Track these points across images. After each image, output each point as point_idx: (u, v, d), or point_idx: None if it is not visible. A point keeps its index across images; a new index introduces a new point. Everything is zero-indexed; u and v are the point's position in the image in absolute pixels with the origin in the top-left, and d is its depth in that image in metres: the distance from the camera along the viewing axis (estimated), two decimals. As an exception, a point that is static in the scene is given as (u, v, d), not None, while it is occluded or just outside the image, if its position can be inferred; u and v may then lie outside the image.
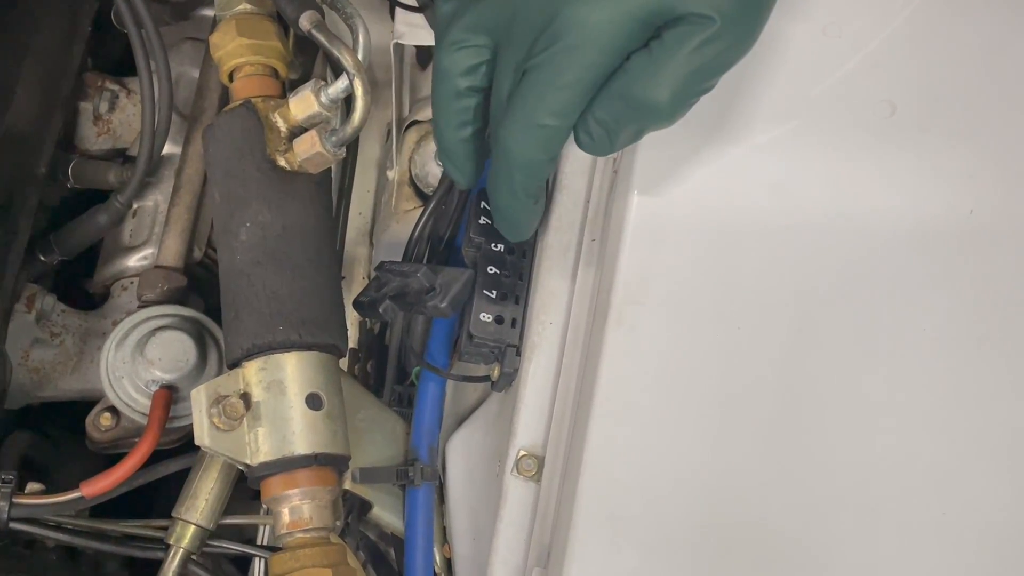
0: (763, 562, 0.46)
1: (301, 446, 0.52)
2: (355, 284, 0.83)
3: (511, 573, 0.50)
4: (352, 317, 0.76)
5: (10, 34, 0.64)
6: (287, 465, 0.52)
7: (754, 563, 0.46)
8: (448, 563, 0.59)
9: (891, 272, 0.49)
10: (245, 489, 0.68)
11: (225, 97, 0.73)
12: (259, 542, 0.66)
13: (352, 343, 0.77)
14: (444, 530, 0.59)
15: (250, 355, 0.54)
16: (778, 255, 0.49)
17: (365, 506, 0.59)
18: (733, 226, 0.49)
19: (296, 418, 0.53)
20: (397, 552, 0.65)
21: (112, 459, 0.62)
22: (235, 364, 0.54)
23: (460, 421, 0.60)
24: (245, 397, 0.53)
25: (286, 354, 0.54)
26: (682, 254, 0.49)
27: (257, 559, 0.65)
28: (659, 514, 0.46)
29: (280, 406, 0.53)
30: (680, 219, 0.49)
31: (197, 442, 0.52)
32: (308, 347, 0.54)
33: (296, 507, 0.53)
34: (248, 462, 0.53)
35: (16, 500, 0.58)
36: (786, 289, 0.48)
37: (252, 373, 0.54)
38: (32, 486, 0.60)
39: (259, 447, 0.53)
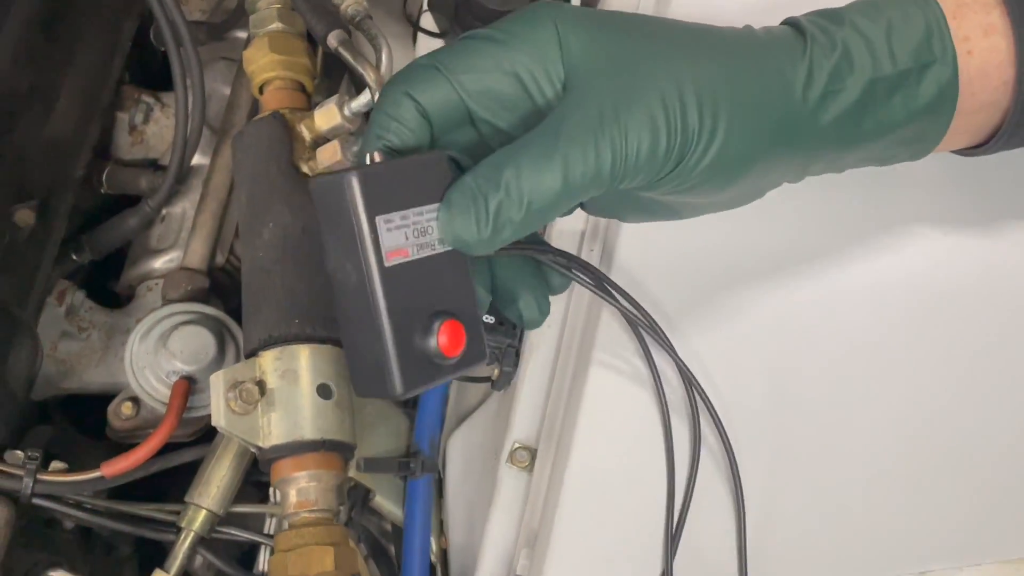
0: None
1: (310, 432, 0.56)
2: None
3: (501, 555, 0.54)
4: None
5: (58, 45, 0.68)
6: (296, 449, 0.56)
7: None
8: (444, 553, 0.62)
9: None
10: (251, 493, 0.72)
11: (254, 114, 0.77)
12: (266, 532, 0.69)
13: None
14: (441, 523, 0.63)
15: (267, 345, 0.58)
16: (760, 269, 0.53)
17: (368, 494, 0.63)
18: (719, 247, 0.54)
19: (307, 405, 0.57)
20: (396, 546, 0.68)
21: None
22: (252, 353, 0.58)
23: (461, 422, 0.64)
24: (260, 384, 0.57)
25: (301, 346, 0.58)
26: (671, 265, 0.53)
27: (263, 547, 0.69)
28: (639, 498, 0.50)
29: (293, 394, 0.57)
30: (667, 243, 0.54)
31: (214, 422, 0.56)
32: (321, 340, 0.58)
33: (303, 488, 0.56)
34: (260, 444, 0.56)
35: (40, 477, 0.62)
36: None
37: (268, 362, 0.57)
38: (56, 464, 0.63)
39: (271, 431, 0.56)
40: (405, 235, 0.41)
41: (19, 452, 0.63)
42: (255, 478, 0.70)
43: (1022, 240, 0.56)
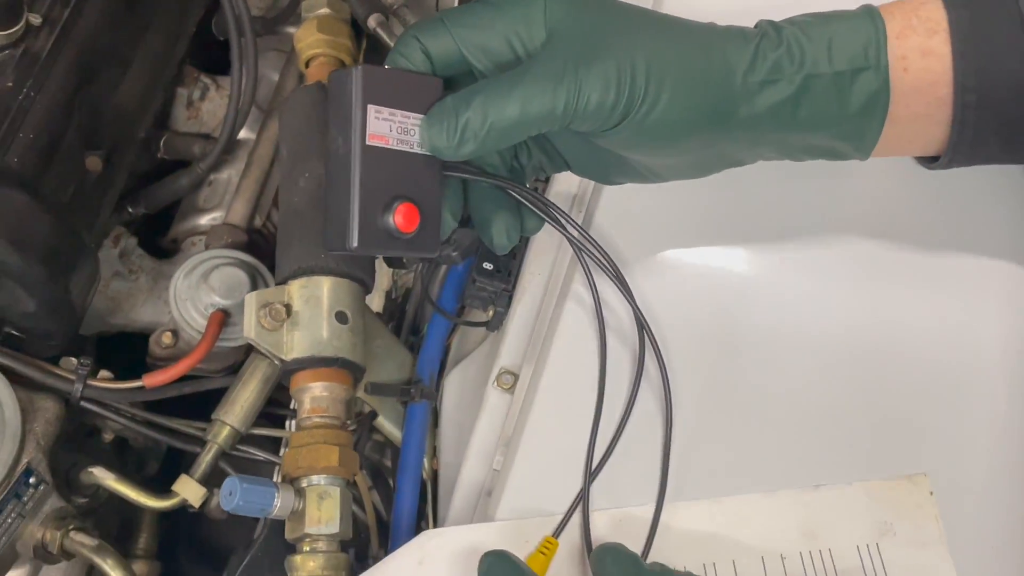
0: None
1: (327, 349, 0.65)
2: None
3: (482, 461, 0.62)
4: (379, 299, 0.90)
5: (136, 17, 0.78)
6: (314, 363, 0.65)
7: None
8: (435, 473, 0.70)
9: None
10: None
11: (297, 97, 0.87)
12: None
13: (377, 308, 0.90)
14: (435, 448, 0.71)
15: (296, 275, 0.67)
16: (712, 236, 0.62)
17: (372, 415, 0.72)
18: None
19: (325, 327, 0.66)
20: (394, 480, 0.77)
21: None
22: (283, 281, 0.67)
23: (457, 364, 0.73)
24: (287, 307, 0.66)
25: (324, 277, 0.67)
26: (636, 228, 0.63)
27: (278, 467, 0.77)
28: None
29: (314, 316, 0.66)
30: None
31: (245, 334, 0.65)
32: (342, 275, 0.67)
33: (317, 397, 0.65)
34: (284, 357, 0.65)
35: (89, 383, 0.71)
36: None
37: (295, 289, 0.67)
38: (103, 373, 0.72)
39: (294, 346, 0.65)
40: (389, 127, 0.51)
41: (73, 359, 0.72)
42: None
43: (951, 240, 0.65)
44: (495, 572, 0.51)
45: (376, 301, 0.86)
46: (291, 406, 0.77)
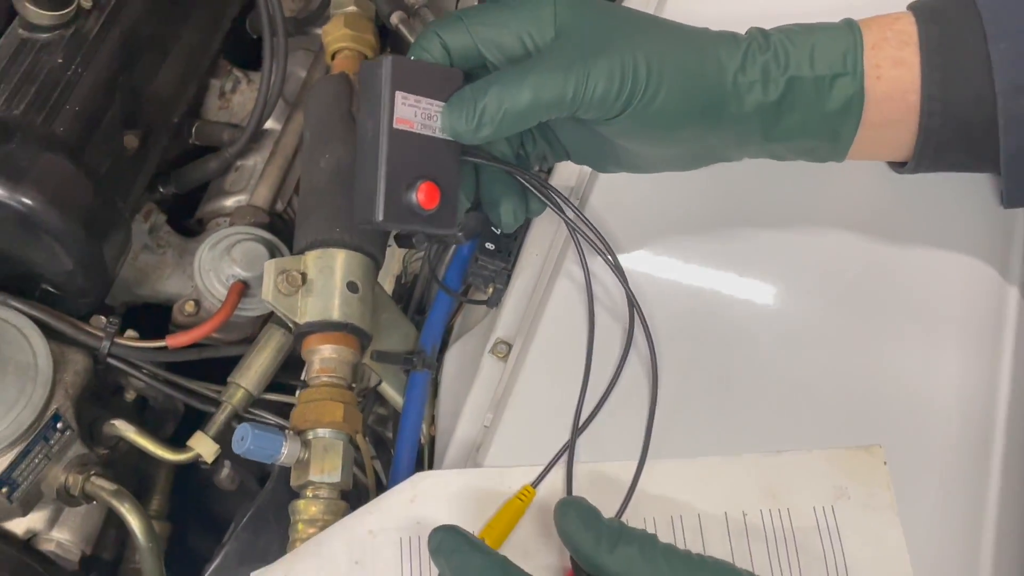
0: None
1: (337, 315, 0.70)
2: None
3: (474, 420, 0.68)
4: (389, 284, 0.95)
5: (178, 7, 0.85)
6: (324, 327, 0.70)
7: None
8: (432, 439, 0.75)
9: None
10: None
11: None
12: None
13: (388, 292, 0.95)
14: (433, 416, 0.76)
15: (312, 246, 0.72)
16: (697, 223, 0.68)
17: (377, 388, 0.77)
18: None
19: (337, 295, 0.71)
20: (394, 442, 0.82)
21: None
22: (300, 252, 0.73)
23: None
24: (303, 274, 0.71)
25: (338, 249, 0.72)
26: (626, 212, 0.69)
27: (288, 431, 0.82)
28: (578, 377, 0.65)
29: (327, 284, 0.71)
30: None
31: (263, 296, 0.70)
32: (355, 248, 0.72)
33: (325, 358, 0.70)
34: (297, 320, 0.71)
35: (116, 340, 0.77)
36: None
37: (311, 259, 0.72)
38: (129, 332, 0.78)
39: (307, 310, 0.70)
40: (414, 113, 0.57)
41: (102, 317, 0.78)
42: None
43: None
44: (446, 545, 0.55)
45: (387, 286, 0.91)
46: (301, 376, 0.82)
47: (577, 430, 0.64)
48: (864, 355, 0.66)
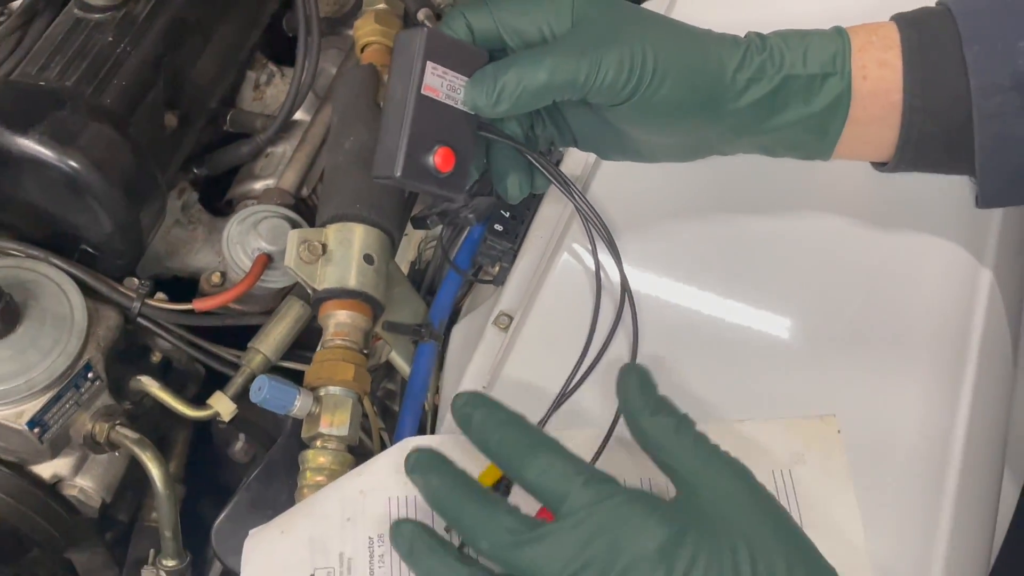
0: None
1: (353, 283, 0.76)
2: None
3: (475, 382, 0.72)
4: (404, 268, 1.00)
5: (219, 2, 0.91)
6: (341, 294, 0.75)
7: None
8: (435, 408, 0.80)
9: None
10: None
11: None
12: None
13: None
14: (438, 387, 0.81)
15: (333, 220, 0.78)
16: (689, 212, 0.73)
17: (387, 364, 0.82)
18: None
19: (354, 265, 0.76)
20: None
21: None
22: (322, 224, 0.78)
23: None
24: (323, 245, 0.77)
25: (357, 224, 0.77)
26: (624, 199, 0.74)
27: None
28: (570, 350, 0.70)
29: (345, 255, 0.76)
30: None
31: (286, 263, 0.76)
32: (373, 224, 0.78)
33: (340, 323, 0.75)
34: (316, 287, 0.76)
35: (146, 301, 0.82)
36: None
37: (332, 232, 0.77)
38: (159, 295, 0.83)
39: (325, 278, 0.76)
40: (441, 83, 0.62)
41: (135, 279, 0.83)
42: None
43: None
44: (421, 465, 0.59)
45: (402, 269, 0.97)
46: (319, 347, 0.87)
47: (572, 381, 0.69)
48: (831, 340, 0.72)
